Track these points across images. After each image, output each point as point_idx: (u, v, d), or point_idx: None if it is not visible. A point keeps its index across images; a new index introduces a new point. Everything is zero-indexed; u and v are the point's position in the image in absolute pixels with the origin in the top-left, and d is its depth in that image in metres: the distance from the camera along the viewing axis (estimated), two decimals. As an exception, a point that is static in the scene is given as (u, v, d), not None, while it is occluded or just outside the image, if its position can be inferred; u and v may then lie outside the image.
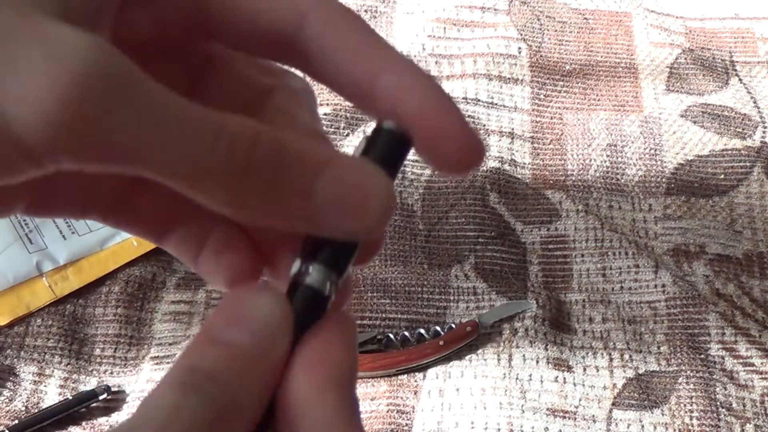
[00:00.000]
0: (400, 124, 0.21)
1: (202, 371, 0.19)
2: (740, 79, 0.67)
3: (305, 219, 0.20)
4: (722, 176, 0.61)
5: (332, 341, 0.20)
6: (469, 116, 0.63)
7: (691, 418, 0.51)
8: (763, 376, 0.53)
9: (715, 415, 0.51)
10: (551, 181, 0.61)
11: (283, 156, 0.20)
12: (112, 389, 0.52)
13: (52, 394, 0.52)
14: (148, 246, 0.58)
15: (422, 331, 0.54)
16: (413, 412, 0.52)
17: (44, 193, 0.22)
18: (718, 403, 0.51)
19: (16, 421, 0.51)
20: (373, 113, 0.22)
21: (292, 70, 0.24)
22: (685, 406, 0.51)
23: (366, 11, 0.69)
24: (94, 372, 0.54)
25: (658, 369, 0.53)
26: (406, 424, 0.51)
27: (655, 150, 0.63)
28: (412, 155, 0.22)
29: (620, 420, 0.51)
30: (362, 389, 0.53)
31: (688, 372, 0.53)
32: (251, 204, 0.20)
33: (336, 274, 0.21)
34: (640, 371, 0.53)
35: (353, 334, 0.21)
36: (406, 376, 0.53)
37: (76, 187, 0.23)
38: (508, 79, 0.66)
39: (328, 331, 0.21)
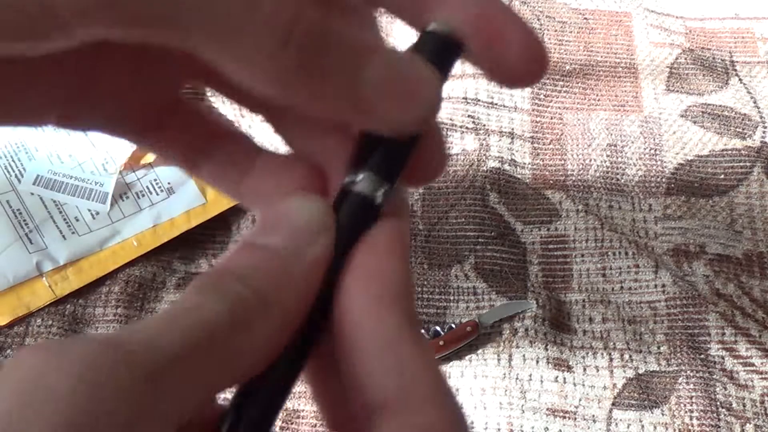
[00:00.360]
0: (449, 25, 0.20)
1: (231, 273, 0.18)
2: (740, 79, 0.66)
3: (350, 105, 0.19)
4: (722, 176, 0.61)
5: (386, 252, 0.19)
6: (469, 116, 0.63)
7: (691, 418, 0.51)
8: (763, 376, 0.53)
9: (715, 415, 0.51)
10: (551, 181, 0.61)
11: (327, 36, 0.19)
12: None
13: (52, 394, 0.52)
14: (147, 246, 0.58)
15: (422, 331, 0.54)
16: (413, 412, 0.52)
17: (75, 104, 0.22)
18: (718, 403, 0.51)
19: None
20: (426, 24, 0.21)
21: None
22: (685, 406, 0.51)
23: (366, 11, 0.69)
24: (94, 372, 0.54)
25: (658, 369, 0.53)
26: (406, 424, 0.51)
27: (655, 150, 0.63)
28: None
29: (620, 420, 0.51)
30: (362, 389, 0.53)
31: (688, 372, 0.53)
32: (292, 83, 0.19)
33: (387, 182, 0.20)
34: (640, 371, 0.53)
35: (408, 245, 0.20)
36: (406, 376, 0.53)
37: (106, 99, 0.22)
38: (508, 79, 0.66)
39: (382, 241, 0.19)
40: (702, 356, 0.53)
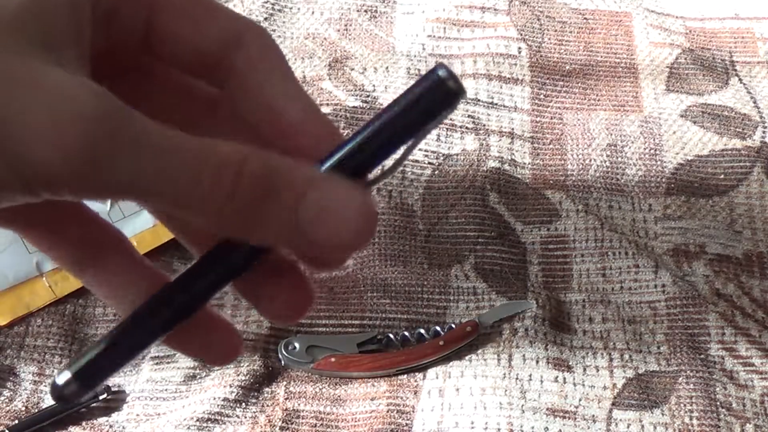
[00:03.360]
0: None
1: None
2: (740, 79, 0.67)
3: (288, 237, 0.22)
4: (722, 176, 0.61)
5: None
6: (469, 116, 0.63)
7: (691, 418, 0.51)
8: (763, 376, 0.53)
9: (715, 415, 0.51)
10: (551, 181, 0.61)
11: (269, 181, 0.22)
12: (112, 389, 0.52)
13: (52, 394, 0.52)
14: (147, 246, 0.58)
15: (422, 331, 0.54)
16: (413, 412, 0.52)
17: None
18: (718, 403, 0.51)
19: (16, 421, 0.51)
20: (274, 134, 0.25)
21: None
22: (685, 406, 0.51)
23: (366, 11, 0.69)
24: (94, 372, 0.54)
25: (658, 369, 0.53)
26: (406, 424, 0.51)
27: (655, 150, 0.63)
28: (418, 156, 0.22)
29: (620, 420, 0.51)
30: (362, 389, 0.53)
31: (688, 372, 0.53)
32: (237, 226, 0.22)
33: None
34: (640, 371, 0.53)
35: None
36: (406, 376, 0.53)
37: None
38: (508, 79, 0.66)
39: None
40: (702, 356, 0.53)
